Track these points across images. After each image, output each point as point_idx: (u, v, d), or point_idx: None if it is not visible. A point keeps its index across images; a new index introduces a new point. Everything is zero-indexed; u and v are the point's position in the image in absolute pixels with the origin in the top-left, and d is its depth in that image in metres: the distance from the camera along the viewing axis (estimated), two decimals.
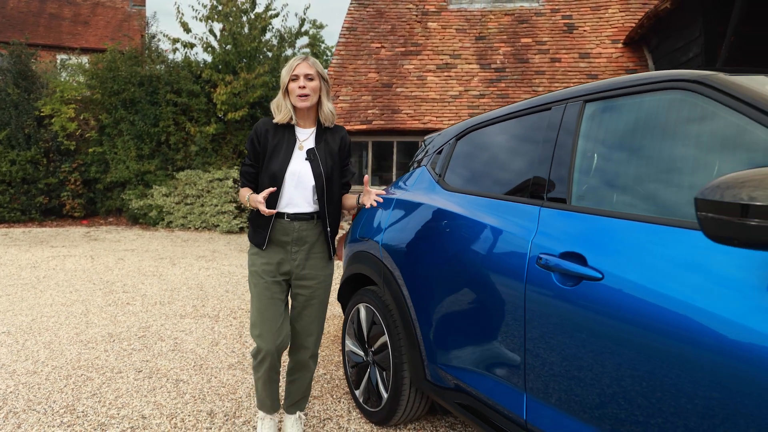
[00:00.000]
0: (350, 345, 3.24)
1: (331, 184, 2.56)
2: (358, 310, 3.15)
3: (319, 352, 2.73)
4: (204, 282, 6.87)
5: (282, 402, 3.06)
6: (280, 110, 2.55)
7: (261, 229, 2.58)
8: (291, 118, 2.54)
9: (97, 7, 25.01)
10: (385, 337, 2.83)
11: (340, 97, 9.10)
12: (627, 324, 1.56)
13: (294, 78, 2.49)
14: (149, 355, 4.10)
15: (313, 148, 2.55)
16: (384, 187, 5.73)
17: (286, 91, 2.52)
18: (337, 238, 2.69)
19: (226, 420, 3.06)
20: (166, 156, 13.29)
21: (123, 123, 13.06)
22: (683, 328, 1.42)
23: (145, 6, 25.42)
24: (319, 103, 2.57)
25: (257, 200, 2.37)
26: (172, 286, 6.58)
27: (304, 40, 16.47)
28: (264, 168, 2.53)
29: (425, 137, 3.29)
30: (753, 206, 1.21)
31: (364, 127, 8.46)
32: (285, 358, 3.40)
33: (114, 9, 25.15)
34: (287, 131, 2.57)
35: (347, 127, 8.48)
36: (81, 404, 3.24)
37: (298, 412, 2.84)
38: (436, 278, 2.44)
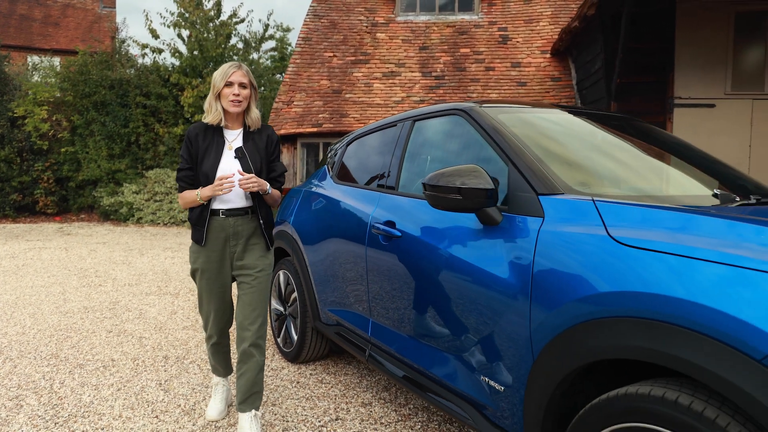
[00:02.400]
0: (274, 303, 4.19)
1: (261, 178, 2.72)
2: (278, 276, 4.10)
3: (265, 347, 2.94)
4: (169, 268, 7.74)
5: (234, 400, 3.20)
6: (211, 112, 2.71)
7: (199, 227, 2.74)
8: (221, 120, 2.72)
9: (68, 9, 25.46)
10: (296, 294, 3.79)
11: (294, 103, 10.02)
12: (415, 263, 2.53)
13: (228, 84, 2.66)
14: (118, 321, 5.00)
15: (241, 146, 2.73)
16: None
17: (218, 95, 2.70)
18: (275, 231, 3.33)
19: (177, 361, 3.98)
20: (136, 155, 14.05)
21: (94, 124, 13.79)
22: (441, 260, 2.39)
23: (115, 8, 25.93)
24: (247, 108, 2.76)
25: (215, 186, 2.59)
26: (139, 272, 7.44)
27: (269, 44, 17.27)
28: (198, 168, 2.71)
29: (333, 143, 4.24)
30: (464, 188, 2.15)
31: (315, 129, 9.39)
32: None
33: (84, 10, 25.62)
34: (216, 133, 2.75)
35: (300, 130, 9.40)
36: (63, 353, 4.13)
37: (253, 410, 2.77)
38: (321, 246, 3.41)
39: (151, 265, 7.99)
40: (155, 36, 14.05)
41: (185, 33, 14.08)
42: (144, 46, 14.11)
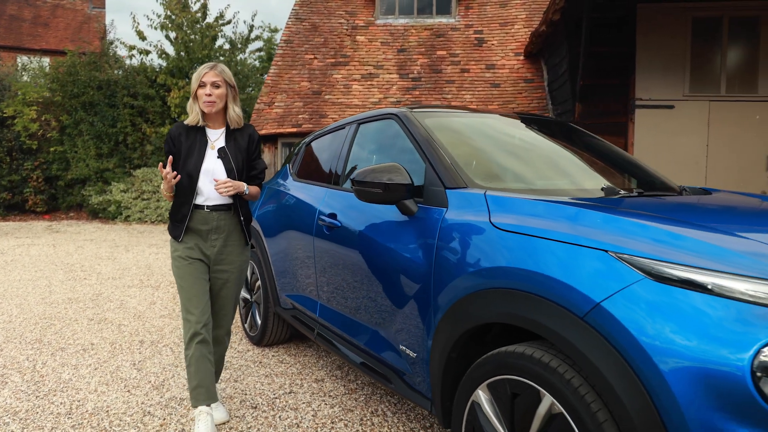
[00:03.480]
0: (243, 293, 4.53)
1: (242, 178, 2.86)
2: None
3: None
4: (152, 263, 8.06)
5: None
6: (191, 113, 2.81)
7: (179, 223, 2.82)
8: (199, 121, 2.81)
9: (57, 9, 25.66)
10: (260, 282, 4.13)
11: (276, 104, 10.35)
12: (350, 250, 2.88)
13: (202, 85, 2.74)
14: (100, 311, 5.32)
15: (223, 146, 2.82)
16: None
17: (196, 96, 2.79)
18: None
19: (151, 344, 4.32)
20: (124, 155, 14.33)
21: (83, 124, 14.06)
22: (369, 246, 2.73)
23: (104, 8, 26.14)
24: (226, 107, 2.83)
25: (165, 178, 2.66)
26: (124, 266, 7.76)
27: (255, 45, 17.58)
28: (181, 168, 2.77)
29: (296, 143, 4.58)
30: (385, 184, 2.49)
31: (295, 129, 9.71)
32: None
33: (74, 11, 25.83)
34: (199, 133, 2.82)
35: (280, 130, 9.73)
36: (46, 338, 4.46)
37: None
38: (280, 238, 3.75)
39: (135, 260, 8.30)
40: (142, 38, 14.35)
41: (172, 35, 14.37)
42: (131, 48, 14.40)
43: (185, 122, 2.84)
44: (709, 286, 1.49)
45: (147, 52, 14.47)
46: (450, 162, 2.49)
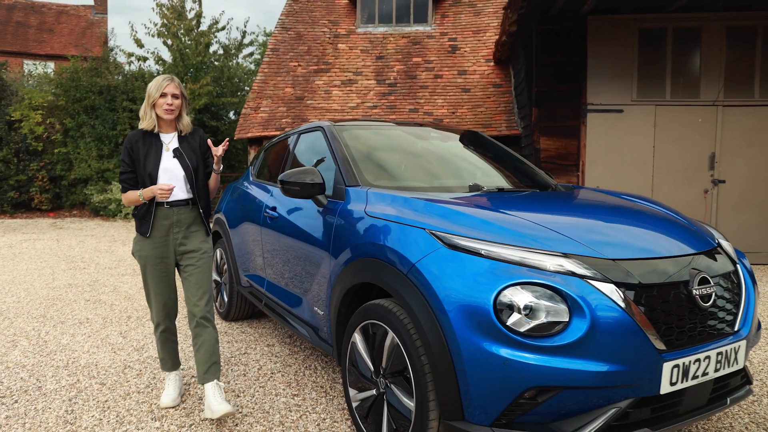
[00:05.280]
0: (215, 276, 5.32)
1: (198, 173, 3.16)
2: (216, 253, 5.23)
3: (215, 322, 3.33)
4: None
5: (196, 374, 3.46)
6: (146, 119, 3.08)
7: (145, 220, 3.10)
8: (155, 126, 3.10)
9: (62, 15, 26.53)
10: (227, 266, 4.92)
11: (261, 109, 11.15)
12: (283, 235, 3.66)
13: (163, 95, 3.04)
14: (95, 294, 6.12)
15: (177, 147, 3.13)
16: None
17: (153, 104, 3.07)
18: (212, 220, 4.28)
19: (137, 320, 5.11)
20: None
21: (85, 127, 14.88)
22: (294, 231, 3.52)
23: (106, 14, 26.98)
24: (179, 115, 3.16)
25: (158, 187, 2.97)
26: (120, 258, 8.57)
27: (249, 50, 18.37)
28: (141, 170, 3.05)
29: (259, 148, 5.36)
30: (302, 183, 3.26)
31: (278, 133, 10.47)
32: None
33: (77, 17, 26.69)
34: (153, 138, 3.11)
35: (265, 134, 10.51)
36: (49, 314, 5.26)
37: (215, 380, 3.08)
38: (239, 228, 4.55)
39: (130, 253, 9.09)
40: (140, 45, 15.16)
41: (168, 42, 15.16)
42: (130, 55, 15.21)
43: (141, 127, 3.13)
44: (482, 252, 2.25)
45: (144, 59, 15.28)
46: (351, 166, 3.27)
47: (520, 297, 2.08)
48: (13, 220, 14.63)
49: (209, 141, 3.18)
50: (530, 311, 2.06)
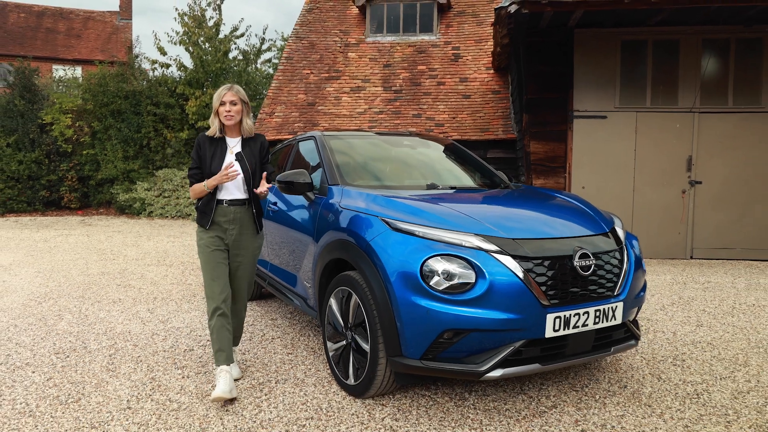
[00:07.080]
0: None
1: (255, 176, 3.46)
2: None
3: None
4: (169, 249, 9.76)
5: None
6: (212, 125, 3.45)
7: (205, 213, 3.43)
8: (220, 132, 3.44)
9: (89, 21, 27.72)
10: None
11: (276, 114, 12.01)
12: (281, 225, 4.47)
13: (222, 103, 3.38)
14: (125, 280, 7.00)
15: (240, 151, 3.46)
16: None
17: (217, 112, 3.40)
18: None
19: (162, 300, 5.97)
20: (148, 157, 16.13)
21: (111, 130, 15.88)
22: (289, 221, 4.33)
23: (131, 19, 28.12)
24: (241, 120, 3.46)
25: (222, 174, 3.27)
26: (145, 251, 9.47)
27: (267, 55, 19.32)
28: (207, 168, 3.40)
29: None
30: (295, 183, 4.06)
31: (291, 137, 11.32)
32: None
33: (104, 23, 27.86)
34: (220, 141, 3.46)
35: (279, 137, 11.35)
36: (87, 295, 6.14)
37: (236, 347, 3.89)
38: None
39: (155, 247, 10.01)
40: (163, 53, 16.14)
41: (190, 49, 16.11)
42: (153, 62, 16.20)
43: (207, 134, 3.47)
44: (416, 233, 3.04)
45: (167, 66, 16.25)
46: (334, 168, 4.07)
47: (439, 265, 2.87)
48: (44, 217, 15.67)
49: (263, 176, 3.43)
50: (447, 275, 2.85)
